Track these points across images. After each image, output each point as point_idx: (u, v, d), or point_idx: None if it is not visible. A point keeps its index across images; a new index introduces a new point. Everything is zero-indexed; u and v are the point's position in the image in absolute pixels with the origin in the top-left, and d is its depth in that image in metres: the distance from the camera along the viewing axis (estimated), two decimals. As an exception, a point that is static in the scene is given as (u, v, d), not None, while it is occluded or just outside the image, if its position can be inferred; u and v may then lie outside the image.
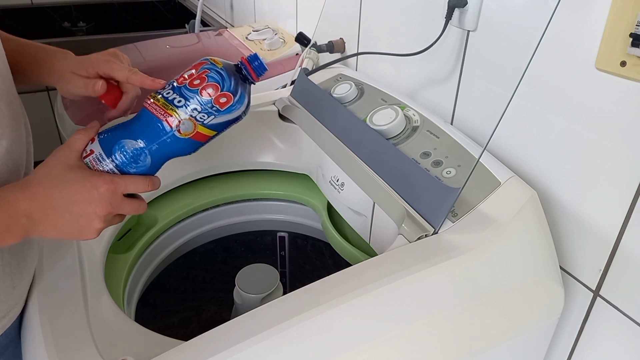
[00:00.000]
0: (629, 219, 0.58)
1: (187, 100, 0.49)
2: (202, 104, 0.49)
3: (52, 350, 0.47)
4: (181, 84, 0.50)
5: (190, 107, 0.49)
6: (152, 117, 0.49)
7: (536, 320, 0.60)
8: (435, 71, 0.82)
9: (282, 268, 0.97)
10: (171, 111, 0.49)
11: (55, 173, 0.47)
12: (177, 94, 0.49)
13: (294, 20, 1.33)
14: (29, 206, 0.45)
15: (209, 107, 0.49)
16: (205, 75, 0.50)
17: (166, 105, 0.49)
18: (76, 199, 0.46)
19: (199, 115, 0.49)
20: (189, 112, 0.48)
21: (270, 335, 0.45)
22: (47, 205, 0.45)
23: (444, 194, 0.58)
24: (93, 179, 0.47)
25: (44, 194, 0.46)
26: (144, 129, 0.49)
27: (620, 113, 0.56)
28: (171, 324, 0.91)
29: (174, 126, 0.48)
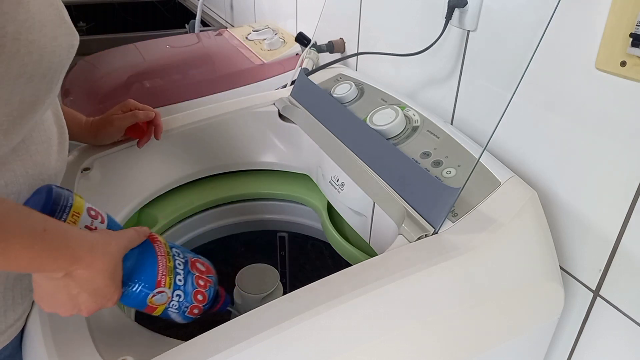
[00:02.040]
0: (629, 219, 0.58)
1: (185, 285, 0.53)
2: (187, 300, 0.53)
3: (52, 350, 0.47)
4: (192, 270, 0.54)
5: (179, 291, 0.52)
6: (153, 264, 0.51)
7: (536, 320, 0.60)
8: (435, 71, 0.82)
9: (282, 268, 0.97)
10: (169, 279, 0.51)
11: (112, 263, 0.47)
12: (183, 274, 0.53)
13: (294, 20, 1.33)
14: (79, 263, 0.44)
15: (186, 306, 0.53)
16: (209, 285, 0.56)
17: (171, 271, 0.52)
18: (100, 291, 0.46)
19: (174, 302, 0.52)
20: (174, 294, 0.52)
21: (271, 335, 0.45)
22: (84, 278, 0.45)
23: (444, 194, 0.58)
24: (117, 290, 0.48)
25: (92, 266, 0.45)
26: (139, 260, 0.50)
27: (620, 113, 0.56)
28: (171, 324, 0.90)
29: (157, 290, 0.50)
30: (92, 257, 0.44)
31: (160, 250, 0.52)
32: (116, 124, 0.73)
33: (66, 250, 0.43)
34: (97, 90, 1.14)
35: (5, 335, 0.52)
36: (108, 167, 0.74)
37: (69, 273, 0.43)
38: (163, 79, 1.18)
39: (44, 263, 0.42)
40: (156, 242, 0.52)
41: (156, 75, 1.19)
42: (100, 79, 1.18)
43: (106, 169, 0.74)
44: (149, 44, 1.35)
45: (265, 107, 0.88)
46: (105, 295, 0.46)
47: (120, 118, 0.73)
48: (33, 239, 0.40)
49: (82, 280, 0.44)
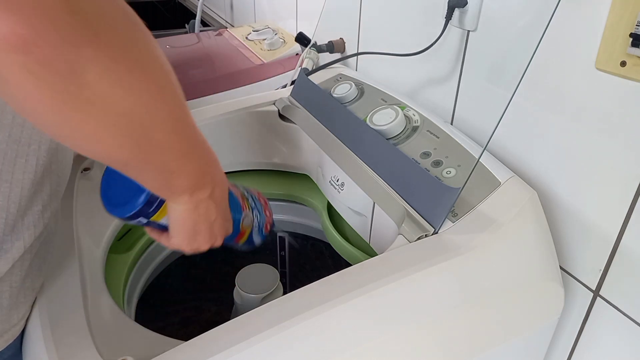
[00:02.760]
0: (629, 219, 0.58)
1: (256, 205, 0.59)
2: (262, 217, 0.59)
3: (52, 350, 0.47)
4: (254, 196, 0.60)
5: (255, 211, 0.59)
6: (235, 198, 0.56)
7: (536, 320, 0.60)
8: (435, 71, 0.82)
9: (282, 268, 0.97)
10: (247, 202, 0.57)
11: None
12: (252, 198, 0.59)
13: (294, 20, 1.33)
14: (219, 180, 0.46)
15: (262, 223, 0.60)
16: (267, 202, 0.63)
17: (243, 196, 0.58)
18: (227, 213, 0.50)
19: (256, 221, 0.58)
20: (254, 213, 0.58)
21: (271, 335, 0.45)
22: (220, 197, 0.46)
23: (444, 194, 0.58)
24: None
25: (224, 184, 0.47)
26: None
27: (620, 113, 0.56)
28: (171, 324, 0.90)
29: (243, 214, 0.56)
30: (222, 175, 0.46)
31: (235, 190, 0.56)
32: None
33: (214, 164, 0.44)
34: (97, 90, 1.14)
35: (9, 334, 0.52)
36: None
37: (212, 192, 0.44)
38: (163, 78, 1.18)
39: (204, 176, 0.43)
40: (232, 187, 0.56)
41: (156, 75, 1.19)
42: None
43: (106, 169, 0.74)
44: (149, 44, 1.35)
45: (265, 107, 0.88)
46: (229, 218, 0.49)
47: None
48: (204, 145, 0.41)
49: (219, 200, 0.46)
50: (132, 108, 0.33)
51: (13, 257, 0.50)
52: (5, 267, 0.49)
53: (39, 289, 0.55)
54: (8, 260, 0.49)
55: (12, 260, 0.50)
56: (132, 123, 0.33)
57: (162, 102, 0.35)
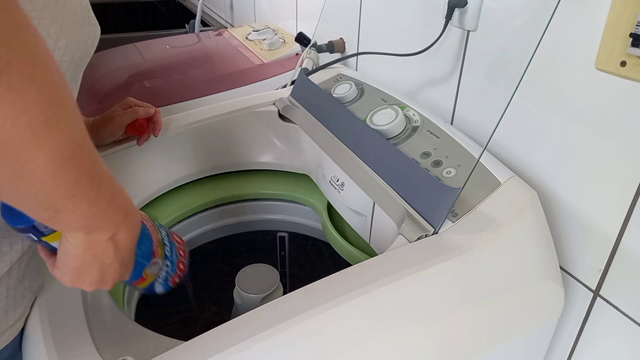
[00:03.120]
0: (629, 219, 0.58)
1: (171, 255, 0.54)
2: (172, 270, 0.55)
3: (52, 350, 0.47)
4: (174, 241, 0.56)
5: (167, 261, 0.54)
6: (149, 238, 0.50)
7: (536, 320, 0.60)
8: (435, 71, 0.82)
9: (282, 268, 0.97)
10: (161, 250, 0.52)
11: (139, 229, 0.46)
12: (169, 245, 0.54)
13: (294, 20, 1.33)
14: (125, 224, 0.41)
15: (171, 275, 0.55)
16: (186, 255, 0.58)
17: (160, 243, 0.53)
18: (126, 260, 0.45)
19: (163, 272, 0.53)
20: (164, 263, 0.53)
21: (270, 335, 0.45)
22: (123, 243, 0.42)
23: (444, 194, 0.58)
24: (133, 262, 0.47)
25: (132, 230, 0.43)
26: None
27: (620, 113, 0.56)
28: (171, 323, 0.90)
29: (152, 261, 0.51)
30: (132, 219, 0.42)
31: (149, 224, 0.51)
32: (116, 120, 0.73)
33: (123, 207, 0.40)
34: (97, 90, 1.14)
35: (6, 335, 0.52)
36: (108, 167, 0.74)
37: (114, 236, 0.40)
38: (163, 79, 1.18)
39: (107, 217, 0.38)
40: (145, 218, 0.52)
41: (156, 75, 1.19)
42: (100, 79, 1.18)
43: (106, 169, 0.74)
44: (149, 44, 1.35)
45: (265, 107, 0.88)
46: (127, 265, 0.44)
47: (120, 114, 0.73)
48: (112, 185, 0.37)
49: (121, 245, 0.42)
50: (2, 132, 0.28)
51: (11, 259, 0.50)
52: (3, 269, 0.49)
53: (37, 290, 0.55)
54: (6, 263, 0.49)
55: (10, 262, 0.49)
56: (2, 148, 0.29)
57: (46, 133, 0.30)
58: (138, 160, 0.78)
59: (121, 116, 0.73)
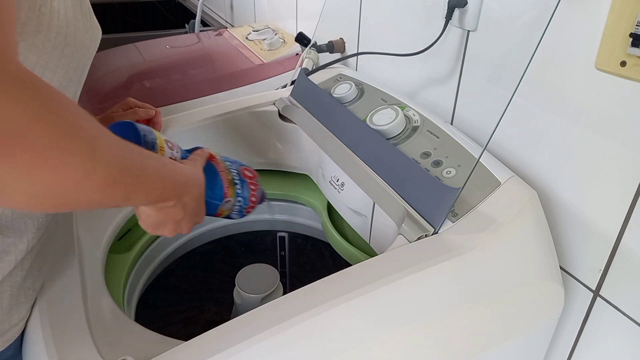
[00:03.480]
0: (629, 219, 0.58)
1: (243, 191, 0.60)
2: (245, 203, 0.61)
3: (52, 350, 0.47)
4: (244, 178, 0.61)
5: (239, 197, 0.60)
6: (219, 182, 0.57)
7: (536, 320, 0.60)
8: (435, 71, 0.82)
9: (282, 268, 0.97)
10: (232, 190, 0.59)
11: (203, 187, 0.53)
12: (240, 182, 0.60)
13: (294, 20, 1.33)
14: (188, 192, 0.49)
15: (244, 208, 0.61)
16: (258, 187, 0.63)
17: (231, 183, 0.59)
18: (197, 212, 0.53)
19: (236, 206, 0.60)
20: (236, 200, 0.59)
21: (270, 335, 0.45)
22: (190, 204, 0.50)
23: (444, 194, 0.58)
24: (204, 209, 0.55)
25: (194, 193, 0.51)
26: (210, 184, 0.56)
27: (620, 113, 0.56)
28: (171, 324, 0.90)
29: (225, 200, 0.57)
30: (193, 185, 0.50)
31: (220, 167, 0.58)
32: (117, 121, 0.73)
33: (179, 182, 0.47)
34: (97, 90, 1.14)
35: (9, 335, 0.52)
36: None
37: (179, 200, 0.48)
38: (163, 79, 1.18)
39: (166, 195, 0.46)
40: (214, 160, 0.58)
41: (156, 75, 1.19)
42: (100, 79, 1.18)
43: (106, 169, 0.74)
44: (149, 44, 1.35)
45: (265, 107, 0.88)
46: (198, 214, 0.53)
47: (120, 115, 0.73)
48: (159, 174, 0.44)
49: (188, 206, 0.50)
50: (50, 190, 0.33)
51: (15, 258, 0.50)
52: (7, 268, 0.49)
53: (39, 289, 0.55)
54: (10, 262, 0.49)
55: (15, 261, 0.50)
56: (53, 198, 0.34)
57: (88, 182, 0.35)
58: (138, 160, 0.78)
59: (121, 117, 0.73)
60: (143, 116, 0.74)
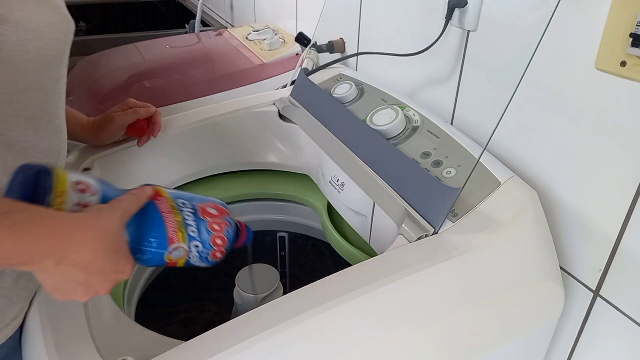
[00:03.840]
0: (629, 219, 0.58)
1: (199, 234, 0.50)
2: (206, 248, 0.50)
3: (52, 351, 0.47)
4: (203, 217, 0.51)
5: (196, 242, 0.50)
6: (159, 222, 0.48)
7: (536, 320, 0.60)
8: (435, 71, 0.82)
9: (282, 268, 0.97)
10: (180, 233, 0.49)
11: (109, 236, 0.43)
12: (195, 224, 0.50)
13: (294, 20, 1.33)
14: (68, 249, 0.41)
15: (205, 255, 0.51)
16: (225, 227, 0.52)
17: (180, 226, 0.49)
18: (108, 267, 0.43)
19: (193, 252, 0.50)
20: (191, 245, 0.49)
21: (270, 335, 0.45)
22: (83, 261, 0.41)
23: (444, 194, 0.58)
24: (127, 261, 0.45)
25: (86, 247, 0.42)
26: (144, 222, 0.47)
27: (620, 113, 0.56)
28: (171, 324, 0.90)
29: (170, 248, 0.48)
30: (83, 238, 0.41)
31: (163, 207, 0.48)
32: (118, 120, 0.73)
33: (42, 239, 0.39)
34: (97, 90, 1.14)
35: (2, 334, 0.52)
36: (108, 167, 0.74)
37: (61, 261, 0.40)
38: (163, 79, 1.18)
39: (23, 258, 0.39)
40: (158, 199, 0.49)
41: (156, 75, 1.19)
42: (100, 79, 1.18)
43: (106, 169, 0.74)
44: (149, 44, 1.35)
45: (265, 107, 0.88)
46: (116, 270, 0.44)
47: (121, 115, 0.73)
48: (8, 236, 0.37)
49: (82, 263, 0.41)
50: None
51: None
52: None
53: (34, 288, 0.55)
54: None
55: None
56: None
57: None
58: (138, 160, 0.78)
59: (122, 116, 0.73)
60: (144, 115, 0.74)
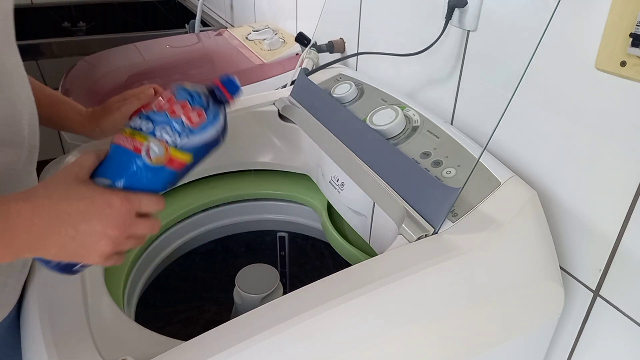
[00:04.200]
0: (629, 219, 0.58)
1: (156, 123, 0.46)
2: (173, 124, 0.45)
3: (52, 351, 0.47)
4: (149, 110, 0.47)
5: (159, 129, 0.45)
6: (121, 150, 0.45)
7: (536, 320, 0.60)
8: (435, 71, 0.82)
9: (282, 268, 0.97)
10: (139, 137, 0.45)
11: (64, 186, 0.43)
12: (145, 120, 0.46)
13: (294, 20, 1.33)
14: (30, 220, 0.40)
15: (180, 126, 0.46)
16: (174, 96, 0.47)
17: (134, 133, 0.45)
18: (86, 214, 0.42)
19: (170, 136, 0.45)
20: (159, 134, 0.45)
21: (270, 335, 0.45)
22: (52, 219, 0.41)
23: (444, 194, 0.58)
24: (106, 194, 0.43)
25: (50, 206, 0.41)
26: (113, 165, 0.46)
27: (620, 113, 0.56)
28: (171, 323, 0.91)
29: (144, 152, 0.44)
30: (48, 199, 0.41)
31: (119, 139, 0.46)
32: (123, 110, 0.68)
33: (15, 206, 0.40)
34: (97, 90, 1.14)
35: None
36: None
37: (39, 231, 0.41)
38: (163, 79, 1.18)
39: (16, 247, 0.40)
40: (116, 138, 0.46)
41: (156, 75, 1.19)
42: (100, 79, 1.18)
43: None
44: (149, 44, 1.35)
45: (265, 107, 0.88)
46: (113, 203, 0.43)
47: (125, 104, 0.68)
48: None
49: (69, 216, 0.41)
50: None
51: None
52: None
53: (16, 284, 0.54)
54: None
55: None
56: None
57: None
58: (138, 160, 0.78)
59: (126, 105, 0.68)
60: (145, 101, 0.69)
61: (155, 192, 0.47)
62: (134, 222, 0.45)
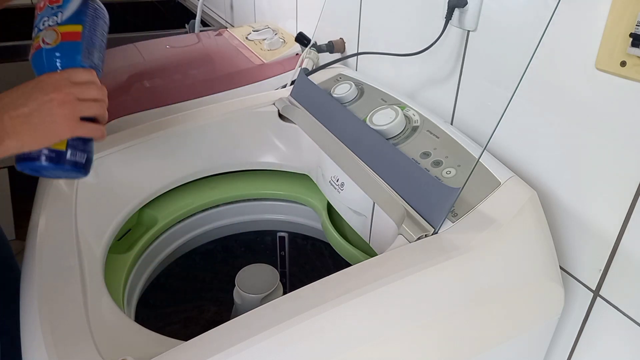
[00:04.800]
0: (629, 219, 0.58)
1: (38, 22, 0.57)
2: (45, 14, 0.56)
3: (52, 350, 0.47)
4: (34, 20, 0.58)
5: (41, 24, 0.56)
6: (34, 56, 0.55)
7: (536, 320, 0.60)
8: (435, 71, 0.82)
9: (282, 268, 0.97)
10: (36, 39, 0.56)
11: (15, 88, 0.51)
12: (35, 28, 0.57)
13: (294, 20, 1.33)
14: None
15: (50, 10, 0.56)
16: None
17: (34, 40, 0.56)
18: (27, 92, 0.49)
19: (52, 21, 0.56)
20: (43, 26, 0.56)
21: (270, 335, 0.45)
22: (5, 109, 0.48)
23: (444, 194, 0.58)
24: (38, 77, 0.52)
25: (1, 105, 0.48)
26: (38, 69, 0.56)
27: (620, 113, 0.56)
28: (171, 323, 0.90)
29: (43, 44, 0.55)
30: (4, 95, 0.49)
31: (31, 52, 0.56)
32: None
33: None
34: (97, 90, 1.14)
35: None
36: (107, 167, 0.74)
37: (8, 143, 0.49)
38: (163, 79, 1.18)
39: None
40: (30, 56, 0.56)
41: (156, 75, 1.19)
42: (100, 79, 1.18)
43: (105, 169, 0.74)
44: (149, 44, 1.35)
45: (265, 107, 0.88)
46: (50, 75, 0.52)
47: None
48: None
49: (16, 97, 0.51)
50: None
51: None
52: None
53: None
54: None
55: None
56: None
57: None
58: (138, 160, 0.78)
59: None
60: None
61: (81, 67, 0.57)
62: (75, 87, 0.52)
